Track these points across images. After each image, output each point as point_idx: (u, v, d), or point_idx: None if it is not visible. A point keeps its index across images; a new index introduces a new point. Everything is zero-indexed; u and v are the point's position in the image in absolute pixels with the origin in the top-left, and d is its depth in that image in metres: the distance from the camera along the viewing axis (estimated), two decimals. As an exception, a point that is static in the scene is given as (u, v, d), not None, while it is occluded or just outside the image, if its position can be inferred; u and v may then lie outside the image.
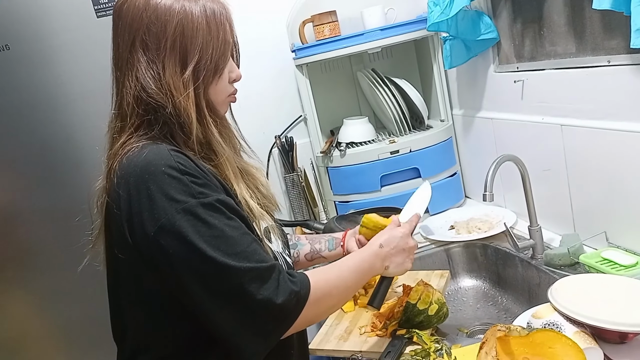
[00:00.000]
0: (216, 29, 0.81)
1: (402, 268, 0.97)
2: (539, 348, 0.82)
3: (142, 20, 0.79)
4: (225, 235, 0.74)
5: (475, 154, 1.70)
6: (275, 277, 0.75)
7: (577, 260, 1.14)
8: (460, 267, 1.45)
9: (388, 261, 0.95)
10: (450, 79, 1.75)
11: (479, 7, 1.47)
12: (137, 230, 0.74)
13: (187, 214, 0.72)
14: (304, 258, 1.13)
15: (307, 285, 0.79)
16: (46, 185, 1.50)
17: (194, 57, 0.79)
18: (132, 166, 0.75)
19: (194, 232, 0.72)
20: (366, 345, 1.05)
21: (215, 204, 0.75)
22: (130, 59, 0.80)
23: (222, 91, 0.85)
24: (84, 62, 1.45)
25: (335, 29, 1.64)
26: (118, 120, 0.82)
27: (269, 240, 0.88)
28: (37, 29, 1.41)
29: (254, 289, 0.73)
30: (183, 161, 0.75)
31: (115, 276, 0.84)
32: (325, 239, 1.14)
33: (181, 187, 0.73)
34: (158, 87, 0.78)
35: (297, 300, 0.76)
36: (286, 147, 1.82)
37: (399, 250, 0.96)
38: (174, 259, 0.72)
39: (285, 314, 0.75)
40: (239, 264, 0.73)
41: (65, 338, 1.60)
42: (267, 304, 0.73)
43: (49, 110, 1.46)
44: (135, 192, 0.73)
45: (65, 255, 1.51)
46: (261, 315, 0.74)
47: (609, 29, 1.09)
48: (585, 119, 1.16)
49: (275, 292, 0.74)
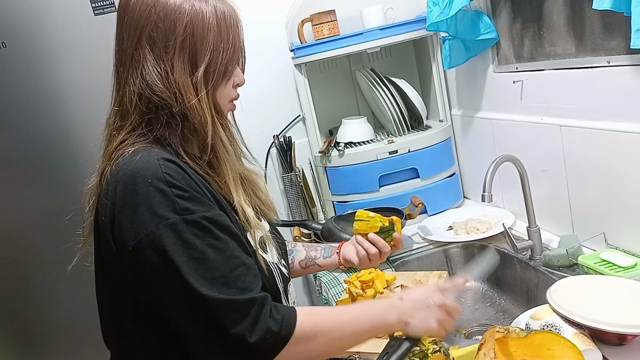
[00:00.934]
0: (226, 31, 0.80)
1: (425, 325, 0.81)
2: (537, 350, 0.81)
3: (150, 17, 0.77)
4: (206, 258, 0.70)
5: (474, 154, 1.70)
6: (253, 312, 0.70)
7: (575, 261, 1.14)
8: (458, 267, 1.45)
9: (408, 316, 0.81)
10: (449, 79, 1.75)
11: (478, 7, 1.46)
12: (119, 240, 0.72)
13: (167, 230, 0.69)
14: (299, 265, 1.10)
15: (291, 324, 0.73)
16: (43, 183, 1.50)
17: (204, 59, 0.78)
18: (120, 174, 0.73)
19: (173, 251, 0.69)
20: (364, 346, 1.05)
21: (201, 222, 0.71)
22: (136, 55, 0.77)
23: (226, 95, 0.84)
24: (81, 60, 1.44)
25: (334, 29, 1.64)
26: (118, 118, 0.79)
27: (263, 251, 0.85)
28: (34, 27, 1.40)
29: (228, 322, 0.69)
30: (171, 172, 0.72)
31: (101, 279, 0.83)
32: (322, 247, 1.11)
33: (165, 201, 0.70)
34: (165, 85, 0.76)
35: (275, 341, 0.71)
36: (284, 146, 1.82)
37: (422, 306, 0.82)
38: (151, 273, 0.70)
39: (258, 354, 0.70)
40: (214, 293, 0.68)
41: (60, 337, 1.60)
42: (239, 340, 0.69)
43: (45, 108, 1.46)
44: (121, 202, 0.72)
45: (57, 255, 1.51)
46: (232, 351, 0.70)
47: (609, 30, 1.09)
48: (584, 120, 1.16)
49: (250, 328, 0.69)
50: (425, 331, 0.83)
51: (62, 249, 1.51)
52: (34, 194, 1.50)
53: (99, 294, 0.85)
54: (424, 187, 1.64)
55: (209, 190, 0.78)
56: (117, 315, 0.81)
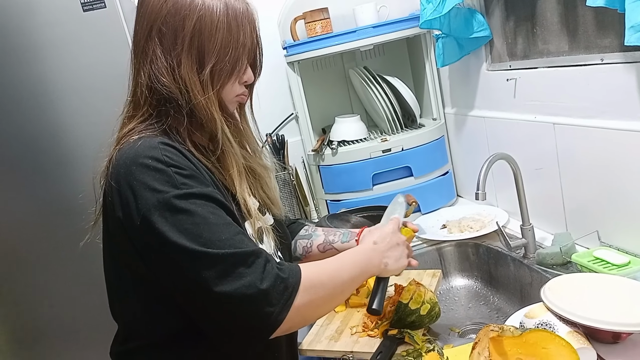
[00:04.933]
0: (237, 30, 0.80)
1: (400, 264, 0.93)
2: (532, 348, 0.81)
3: (161, 11, 0.78)
4: (208, 222, 0.72)
5: (467, 152, 1.70)
6: (260, 263, 0.73)
7: (569, 259, 1.14)
8: (452, 266, 1.44)
9: (385, 257, 0.90)
10: (443, 77, 1.75)
11: (471, 4, 1.46)
12: (126, 220, 0.75)
13: (169, 202, 0.72)
14: (317, 249, 1.09)
15: (297, 272, 0.76)
16: (31, 182, 1.47)
17: (211, 58, 0.79)
18: (123, 158, 0.76)
19: (176, 220, 0.71)
20: (357, 345, 1.04)
21: (200, 193, 0.74)
22: (146, 48, 0.80)
23: (232, 91, 0.85)
24: (70, 58, 1.41)
25: (327, 26, 1.63)
26: (130, 107, 0.83)
27: (260, 241, 0.87)
28: (20, 24, 1.38)
29: (237, 274, 0.71)
30: (170, 154, 0.75)
31: (109, 259, 0.85)
32: (341, 232, 1.11)
33: (164, 178, 0.73)
34: (171, 80, 0.78)
35: (285, 286, 0.73)
36: (277, 145, 1.81)
37: (393, 245, 0.93)
38: (158, 247, 0.72)
39: (274, 299, 0.72)
40: (222, 250, 0.71)
41: (64, 334, 1.58)
42: (251, 287, 0.70)
43: (33, 107, 1.43)
44: (124, 183, 0.75)
45: (52, 254, 1.49)
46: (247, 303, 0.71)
47: (602, 27, 1.08)
48: (577, 118, 1.15)
49: (259, 277, 0.71)
50: (400, 268, 0.93)
51: (52, 249, 1.51)
52: (22, 193, 1.48)
53: (107, 273, 0.87)
54: (417, 186, 1.64)
55: (210, 177, 0.80)
56: (124, 292, 0.84)
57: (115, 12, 1.41)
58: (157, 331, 0.82)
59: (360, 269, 0.86)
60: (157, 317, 0.81)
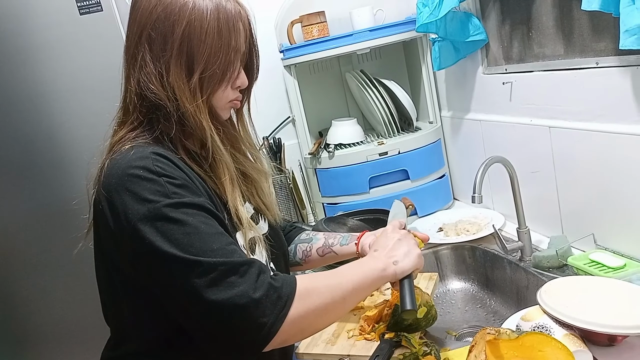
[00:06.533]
0: (228, 34, 0.78)
1: (412, 257, 0.87)
2: (528, 351, 0.81)
3: (151, 16, 0.77)
4: (200, 232, 0.71)
5: (463, 155, 1.70)
6: (253, 273, 0.71)
7: (565, 262, 1.14)
8: (448, 269, 1.45)
9: (391, 257, 0.86)
10: (439, 81, 1.75)
11: (467, 8, 1.47)
12: (117, 229, 0.74)
13: (159, 212, 0.71)
14: (316, 253, 1.08)
15: (292, 282, 0.74)
16: (27, 184, 1.47)
17: (200, 64, 0.77)
18: (114, 168, 0.75)
19: (167, 230, 0.70)
20: (354, 348, 1.04)
21: (191, 203, 0.73)
22: (136, 53, 0.78)
23: (224, 97, 0.83)
24: (66, 61, 1.41)
25: (323, 30, 1.63)
26: (121, 113, 0.82)
27: (252, 252, 0.85)
28: (17, 26, 1.37)
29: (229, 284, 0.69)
30: (162, 164, 0.74)
31: (100, 266, 0.85)
32: (341, 235, 1.08)
33: (156, 187, 0.72)
34: (160, 87, 0.77)
35: (279, 296, 0.71)
36: (274, 148, 1.81)
37: (395, 243, 0.89)
38: (149, 256, 0.71)
39: (267, 310, 0.70)
40: (214, 259, 0.70)
41: (58, 338, 1.57)
42: (244, 297, 0.69)
43: (30, 110, 1.43)
44: (115, 193, 0.73)
45: (47, 257, 1.49)
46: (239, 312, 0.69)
47: (598, 31, 1.09)
48: (573, 121, 1.16)
49: (252, 286, 0.70)
50: (415, 261, 0.87)
51: (47, 252, 1.50)
52: (17, 195, 1.47)
53: (98, 280, 0.86)
54: (414, 189, 1.64)
55: (202, 186, 0.79)
56: (116, 298, 0.83)
57: (112, 15, 1.41)
58: (148, 338, 0.81)
59: (362, 275, 0.82)
60: (147, 324, 0.81)
